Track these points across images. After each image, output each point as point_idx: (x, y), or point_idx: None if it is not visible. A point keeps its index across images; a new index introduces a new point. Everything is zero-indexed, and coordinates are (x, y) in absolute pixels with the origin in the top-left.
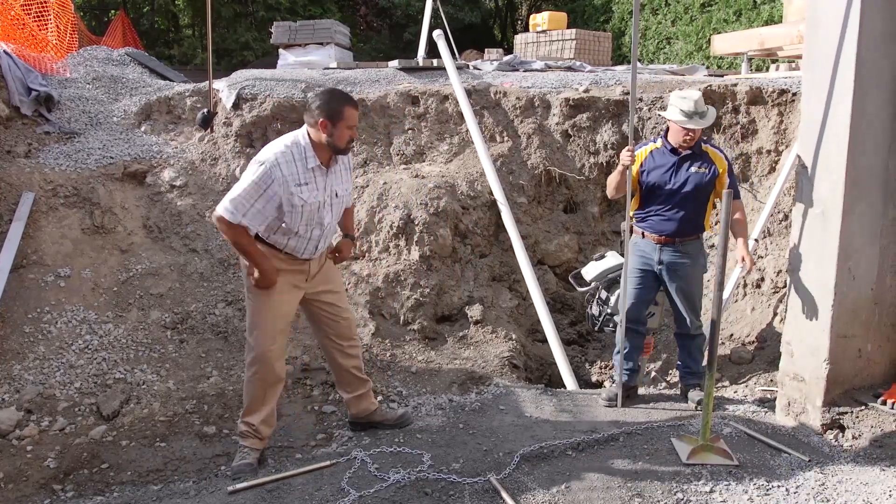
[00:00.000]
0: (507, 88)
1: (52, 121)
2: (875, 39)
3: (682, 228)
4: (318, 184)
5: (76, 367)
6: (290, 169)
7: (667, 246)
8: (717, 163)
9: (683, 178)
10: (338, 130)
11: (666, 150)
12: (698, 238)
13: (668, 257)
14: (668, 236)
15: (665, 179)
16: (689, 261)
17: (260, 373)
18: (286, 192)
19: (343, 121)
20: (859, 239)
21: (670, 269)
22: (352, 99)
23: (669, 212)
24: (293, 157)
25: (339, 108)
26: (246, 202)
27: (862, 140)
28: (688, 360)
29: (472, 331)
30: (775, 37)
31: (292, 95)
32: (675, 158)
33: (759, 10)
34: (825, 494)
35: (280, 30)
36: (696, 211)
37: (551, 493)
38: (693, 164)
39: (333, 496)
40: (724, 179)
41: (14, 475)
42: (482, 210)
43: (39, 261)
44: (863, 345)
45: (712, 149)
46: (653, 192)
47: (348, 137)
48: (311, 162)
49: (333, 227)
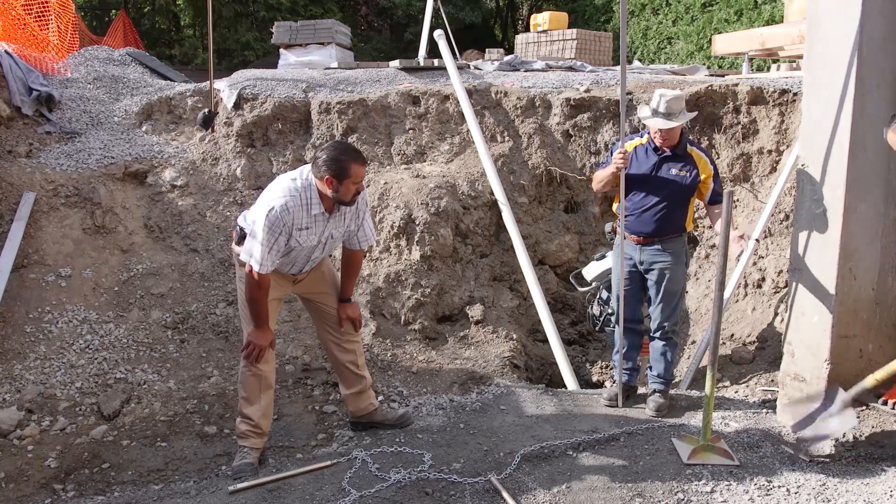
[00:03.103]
0: (508, 88)
1: (53, 121)
2: (876, 39)
3: (661, 229)
4: (317, 228)
5: (77, 367)
6: (297, 214)
7: (646, 246)
8: (701, 167)
9: (663, 180)
10: (343, 187)
11: (649, 148)
12: (679, 237)
13: (647, 257)
14: (647, 236)
15: (644, 179)
16: (669, 260)
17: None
18: (288, 234)
19: (349, 178)
20: (860, 239)
21: (649, 269)
22: (359, 155)
23: (647, 212)
24: (300, 201)
25: (346, 166)
26: (267, 253)
27: (863, 140)
28: (655, 363)
29: (472, 331)
30: (776, 37)
31: (293, 95)
32: (657, 158)
33: (760, 10)
34: (826, 494)
35: (281, 30)
36: (674, 212)
37: (552, 493)
38: (674, 165)
39: (334, 496)
40: (707, 185)
41: (15, 475)
42: (483, 210)
43: (40, 260)
44: (864, 345)
45: (698, 152)
46: (632, 189)
47: (354, 191)
48: (316, 209)
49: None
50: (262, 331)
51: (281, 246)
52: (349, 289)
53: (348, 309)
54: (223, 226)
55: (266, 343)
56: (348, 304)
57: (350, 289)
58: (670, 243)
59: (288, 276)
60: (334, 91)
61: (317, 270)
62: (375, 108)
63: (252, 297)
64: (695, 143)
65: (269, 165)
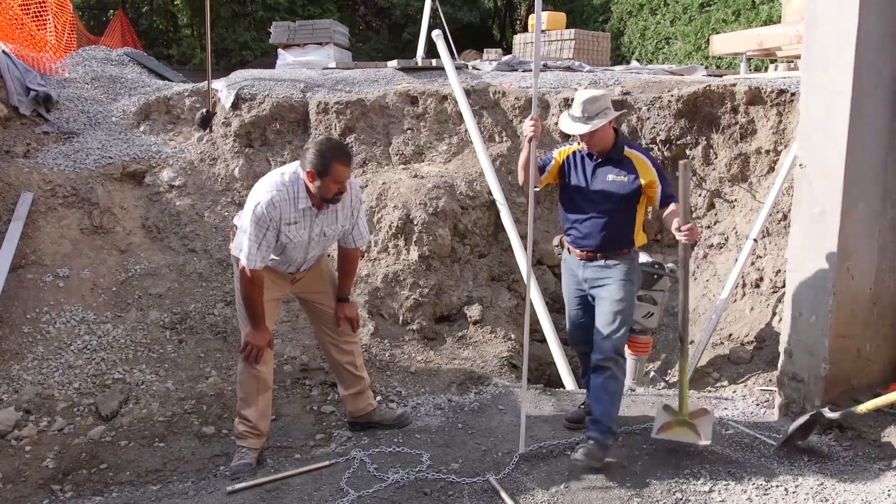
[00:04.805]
0: (506, 88)
1: (50, 121)
2: (874, 39)
3: (605, 243)
4: (305, 223)
5: (75, 368)
6: (285, 209)
7: (590, 262)
8: (641, 171)
9: (600, 187)
10: (324, 184)
11: (584, 155)
12: (627, 253)
13: (591, 274)
14: (591, 251)
15: (581, 187)
16: (614, 279)
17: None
18: (276, 228)
19: (329, 177)
20: (858, 239)
21: (592, 288)
22: (344, 155)
23: (588, 224)
24: (287, 196)
25: (328, 164)
26: (256, 248)
27: (860, 140)
28: (593, 402)
29: (470, 331)
30: (774, 37)
31: (291, 95)
32: (592, 164)
33: (757, 10)
34: (824, 494)
35: (279, 30)
36: (619, 223)
37: (550, 493)
38: (611, 171)
39: (332, 496)
40: (654, 189)
41: (13, 475)
42: (481, 210)
43: (38, 261)
44: (861, 345)
45: (637, 154)
46: (571, 199)
47: (336, 190)
48: (303, 203)
49: (318, 254)
50: (259, 330)
51: (270, 241)
52: (347, 288)
53: (346, 309)
54: (221, 226)
55: (263, 343)
56: (346, 304)
57: (348, 288)
58: (616, 259)
59: (286, 275)
60: (332, 91)
61: (315, 270)
62: (373, 108)
63: (246, 293)
64: (634, 145)
65: (268, 165)
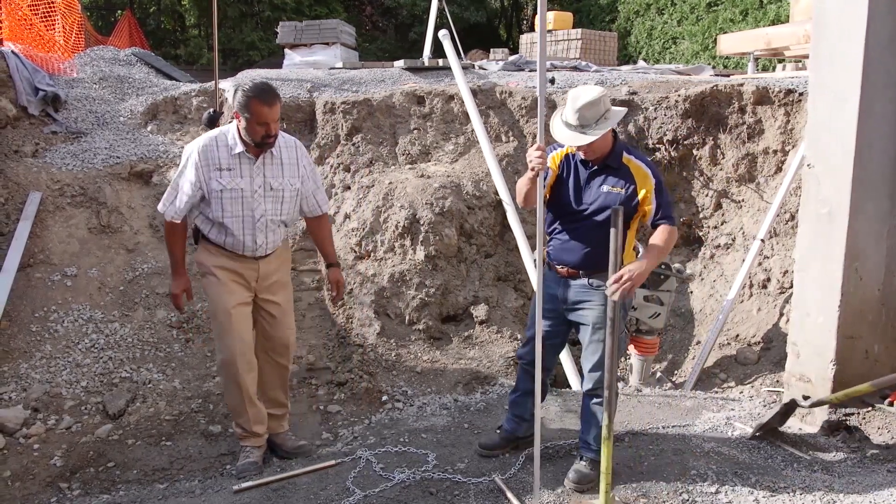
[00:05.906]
0: (513, 88)
1: (59, 120)
2: (882, 39)
3: (590, 261)
4: (242, 171)
5: (82, 366)
6: (212, 153)
7: (572, 280)
8: (639, 180)
9: (592, 198)
10: (249, 126)
11: (578, 160)
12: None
13: (572, 295)
14: (572, 268)
15: (571, 197)
16: (597, 301)
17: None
18: (206, 176)
19: (251, 116)
20: (866, 239)
21: (573, 311)
22: (263, 94)
23: (573, 238)
24: (216, 143)
25: (248, 102)
26: (174, 196)
27: (869, 140)
28: (585, 424)
29: (477, 331)
30: (782, 36)
31: (298, 95)
32: (587, 172)
33: (765, 10)
34: (831, 496)
35: (286, 30)
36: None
37: (556, 494)
38: (607, 180)
39: (338, 496)
40: (648, 202)
41: (21, 473)
42: (487, 210)
43: (46, 260)
44: (870, 346)
45: (636, 162)
46: (559, 207)
47: (262, 133)
48: (236, 148)
49: (276, 222)
50: (174, 277)
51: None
52: (331, 252)
53: (331, 273)
54: None
55: (179, 290)
56: (331, 269)
57: (332, 252)
58: (602, 280)
59: (250, 262)
60: (339, 91)
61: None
62: (380, 108)
63: (166, 240)
64: (634, 151)
65: None
